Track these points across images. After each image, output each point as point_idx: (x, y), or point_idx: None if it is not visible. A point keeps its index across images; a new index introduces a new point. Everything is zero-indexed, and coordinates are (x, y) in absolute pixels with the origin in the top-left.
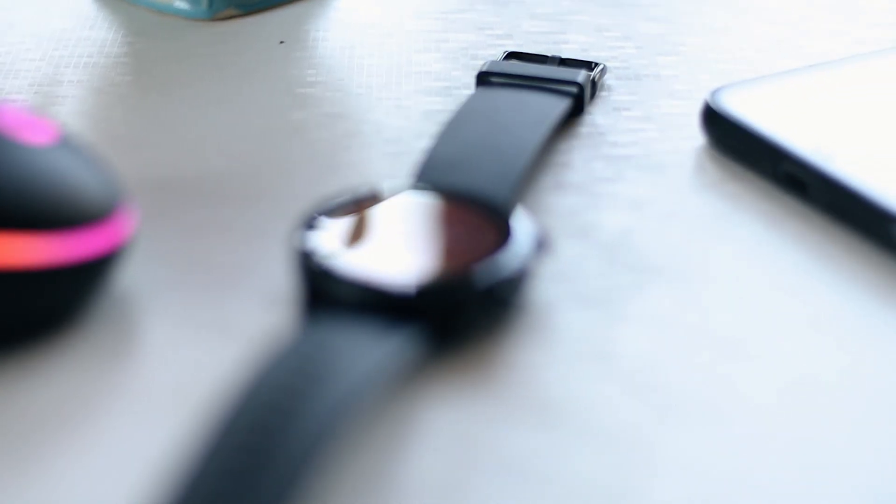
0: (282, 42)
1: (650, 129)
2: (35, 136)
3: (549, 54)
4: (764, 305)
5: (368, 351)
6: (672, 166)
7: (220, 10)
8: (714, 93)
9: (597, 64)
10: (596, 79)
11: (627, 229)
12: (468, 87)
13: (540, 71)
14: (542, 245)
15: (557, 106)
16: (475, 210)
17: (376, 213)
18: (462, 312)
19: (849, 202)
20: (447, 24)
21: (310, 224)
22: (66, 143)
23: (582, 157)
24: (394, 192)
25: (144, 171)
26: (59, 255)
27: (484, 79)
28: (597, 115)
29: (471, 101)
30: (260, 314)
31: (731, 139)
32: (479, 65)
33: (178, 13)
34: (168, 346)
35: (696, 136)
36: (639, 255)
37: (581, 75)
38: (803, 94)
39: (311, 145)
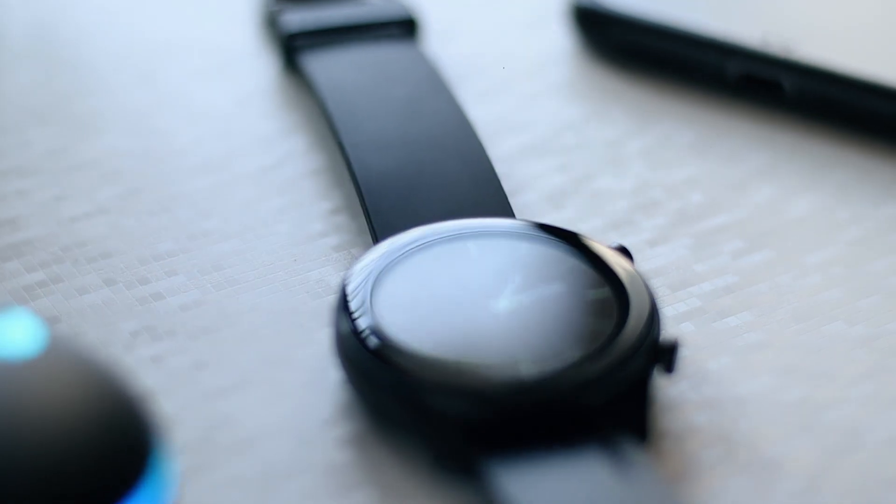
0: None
1: (508, 46)
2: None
3: None
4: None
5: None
6: (583, 92)
7: None
8: None
9: None
10: None
11: (626, 187)
12: (257, 53)
13: (356, 15)
14: (631, 259)
15: (420, 53)
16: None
17: (425, 286)
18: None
19: (844, 95)
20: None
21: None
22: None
23: (480, 110)
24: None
25: None
26: None
27: (293, 43)
28: (441, 52)
29: (321, 78)
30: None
31: (634, 43)
32: (242, 20)
33: None
34: None
35: (560, 42)
36: (660, 214)
37: (406, 8)
38: None
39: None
